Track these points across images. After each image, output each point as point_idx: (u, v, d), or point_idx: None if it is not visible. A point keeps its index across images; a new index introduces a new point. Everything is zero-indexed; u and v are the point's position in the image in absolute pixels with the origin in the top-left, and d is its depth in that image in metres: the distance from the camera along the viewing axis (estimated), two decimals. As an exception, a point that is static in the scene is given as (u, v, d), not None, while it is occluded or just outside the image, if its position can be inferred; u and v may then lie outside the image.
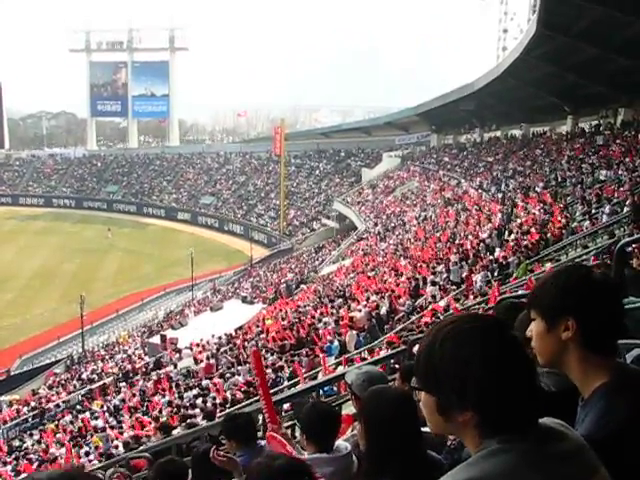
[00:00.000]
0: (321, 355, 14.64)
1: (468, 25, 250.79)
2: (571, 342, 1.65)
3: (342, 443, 3.09)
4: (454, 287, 19.24)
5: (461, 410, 1.33)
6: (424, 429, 2.64)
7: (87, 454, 16.03)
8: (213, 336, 27.07)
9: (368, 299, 21.57)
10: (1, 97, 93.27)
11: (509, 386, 1.29)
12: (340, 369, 11.65)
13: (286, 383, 13.72)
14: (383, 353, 11.15)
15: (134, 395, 22.63)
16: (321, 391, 9.43)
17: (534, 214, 22.35)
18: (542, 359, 1.73)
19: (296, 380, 12.85)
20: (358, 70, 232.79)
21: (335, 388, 9.82)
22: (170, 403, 18.01)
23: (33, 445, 20.80)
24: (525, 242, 18.83)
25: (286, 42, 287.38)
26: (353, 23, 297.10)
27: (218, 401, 15.22)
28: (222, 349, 24.17)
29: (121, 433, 17.57)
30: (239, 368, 19.39)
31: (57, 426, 22.05)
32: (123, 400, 22.72)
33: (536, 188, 27.27)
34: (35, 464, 18.10)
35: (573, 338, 1.64)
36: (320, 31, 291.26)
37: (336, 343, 17.19)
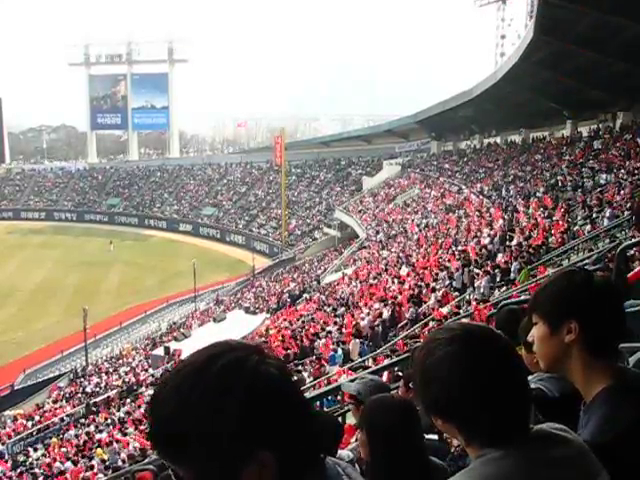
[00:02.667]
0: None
1: (466, 32, 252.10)
2: (574, 345, 1.64)
3: (344, 452, 3.08)
4: (457, 293, 19.24)
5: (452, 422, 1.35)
6: (427, 436, 2.64)
7: (92, 467, 15.98)
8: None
9: (371, 307, 21.55)
10: (1, 111, 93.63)
11: (494, 395, 1.28)
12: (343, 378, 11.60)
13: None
14: (387, 361, 11.13)
15: (139, 407, 22.57)
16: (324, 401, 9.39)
17: (535, 219, 22.34)
18: (544, 363, 1.73)
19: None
20: (357, 79, 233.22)
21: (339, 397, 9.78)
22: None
23: (38, 459, 20.74)
24: (527, 247, 18.80)
25: (285, 52, 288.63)
26: (351, 33, 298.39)
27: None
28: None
29: (127, 445, 17.55)
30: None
31: (62, 440, 22.00)
32: (128, 413, 22.68)
33: (537, 193, 27.26)
34: (40, 478, 18.07)
35: (576, 341, 1.64)
36: (319, 41, 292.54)
37: (339, 352, 17.16)
